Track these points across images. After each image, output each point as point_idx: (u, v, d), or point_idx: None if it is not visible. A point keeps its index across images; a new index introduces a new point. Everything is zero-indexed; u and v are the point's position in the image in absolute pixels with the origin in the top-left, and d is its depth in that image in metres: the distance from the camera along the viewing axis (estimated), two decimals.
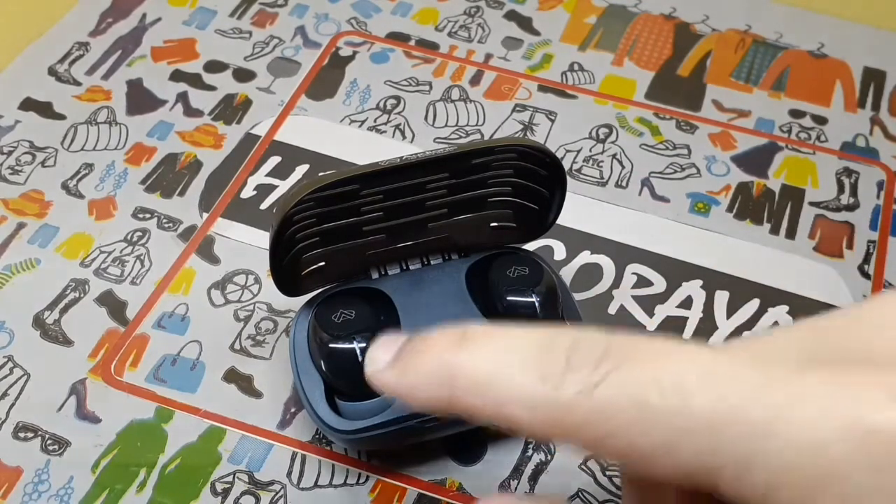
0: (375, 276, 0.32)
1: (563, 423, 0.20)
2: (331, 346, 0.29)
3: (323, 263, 0.31)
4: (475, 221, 0.32)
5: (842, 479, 0.18)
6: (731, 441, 0.18)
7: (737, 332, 0.35)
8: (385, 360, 0.23)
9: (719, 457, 0.18)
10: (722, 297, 0.36)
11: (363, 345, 0.29)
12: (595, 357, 0.20)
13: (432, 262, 0.32)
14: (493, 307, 0.31)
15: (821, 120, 0.43)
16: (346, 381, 0.29)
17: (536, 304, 0.30)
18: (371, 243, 0.31)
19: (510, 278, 0.30)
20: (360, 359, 0.29)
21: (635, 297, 0.36)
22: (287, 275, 0.31)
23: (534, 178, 0.30)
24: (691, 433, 0.19)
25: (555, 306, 0.30)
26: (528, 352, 0.21)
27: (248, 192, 0.39)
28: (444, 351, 0.22)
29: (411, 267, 0.32)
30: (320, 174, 0.29)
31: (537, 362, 0.20)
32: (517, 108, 0.43)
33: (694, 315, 0.36)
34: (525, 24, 0.47)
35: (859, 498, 0.18)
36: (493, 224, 0.32)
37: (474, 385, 0.21)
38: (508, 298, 0.30)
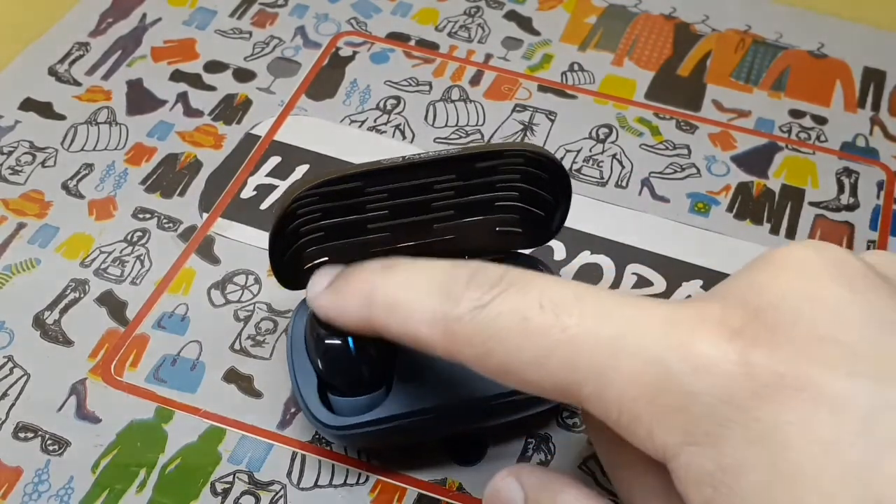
0: None
1: (455, 338, 0.23)
2: (326, 341, 0.29)
3: (326, 259, 0.31)
4: (481, 225, 0.32)
5: (675, 386, 0.20)
6: (589, 357, 0.21)
7: None
8: (323, 284, 0.27)
9: (580, 373, 0.21)
10: None
11: (357, 340, 0.29)
12: (491, 281, 0.23)
13: None
14: None
15: (821, 120, 0.43)
16: (338, 375, 0.29)
17: None
18: (375, 241, 0.31)
19: None
20: (352, 354, 0.29)
21: None
22: (289, 268, 0.31)
23: (540, 185, 0.30)
24: (558, 347, 0.21)
25: None
26: (435, 277, 0.24)
27: (248, 193, 0.39)
28: (368, 277, 0.25)
29: None
30: (326, 171, 0.29)
31: (441, 285, 0.23)
32: (517, 109, 0.43)
33: None
34: (525, 24, 0.47)
35: (694, 399, 0.19)
36: (498, 228, 0.32)
37: (387, 304, 0.24)
38: None
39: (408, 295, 0.24)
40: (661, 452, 0.20)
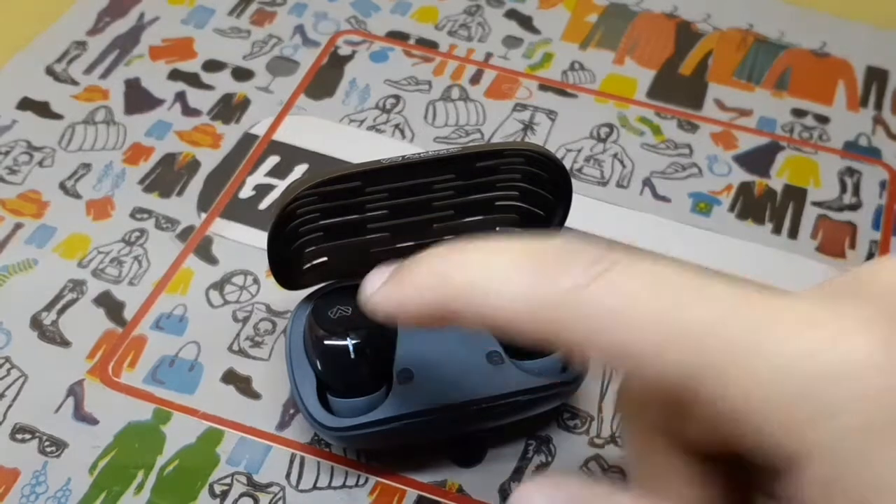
0: None
1: (552, 320, 0.20)
2: (325, 342, 0.29)
3: (325, 259, 0.31)
4: (481, 224, 0.32)
5: (825, 386, 0.18)
6: (716, 351, 0.18)
7: None
8: (379, 282, 0.23)
9: (701, 367, 0.18)
10: None
11: (356, 342, 0.29)
12: (592, 256, 0.20)
13: None
14: None
15: (823, 119, 0.43)
16: (337, 377, 0.29)
17: None
18: (375, 241, 0.31)
19: None
20: (352, 356, 0.28)
21: None
22: (287, 268, 0.30)
23: (541, 184, 0.30)
24: (680, 336, 0.19)
25: None
26: (522, 252, 0.20)
27: (246, 192, 0.39)
28: (438, 260, 0.22)
29: None
30: (325, 170, 0.29)
31: (531, 261, 0.20)
32: (517, 108, 0.42)
33: None
34: (525, 22, 0.46)
35: (847, 402, 0.17)
36: (498, 228, 0.32)
37: (467, 285, 0.21)
38: None
39: (492, 271, 0.20)
40: (786, 459, 0.18)
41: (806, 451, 0.18)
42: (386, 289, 0.23)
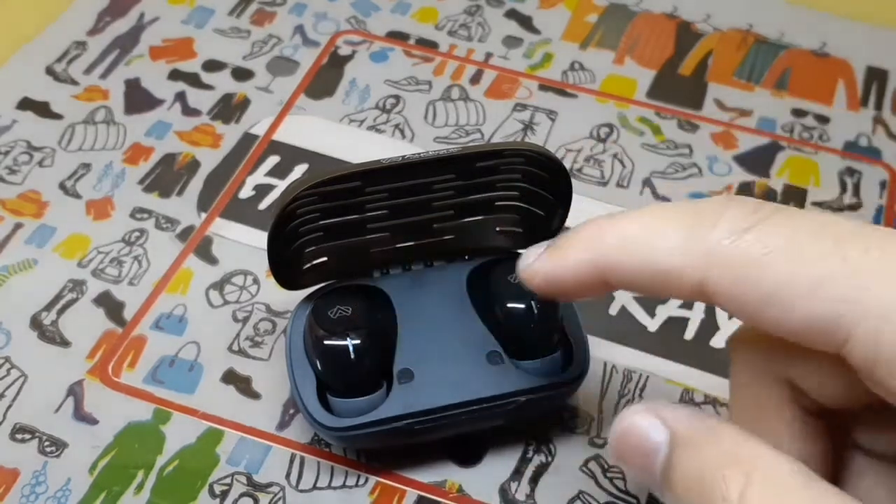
0: (377, 274, 0.32)
1: (708, 268, 0.20)
2: (325, 342, 0.29)
3: (325, 259, 0.31)
4: (481, 225, 0.32)
5: None
6: (877, 292, 0.18)
7: None
8: (538, 251, 0.24)
9: (857, 310, 0.18)
10: None
11: (357, 342, 0.29)
12: (750, 208, 0.20)
13: (435, 264, 0.32)
14: (491, 312, 0.30)
15: (823, 119, 0.43)
16: (338, 377, 0.29)
17: (535, 311, 0.30)
18: (375, 241, 0.31)
19: (511, 284, 0.30)
20: (352, 356, 0.28)
21: (636, 298, 0.36)
22: (288, 268, 0.30)
23: (541, 184, 0.30)
24: (834, 278, 0.18)
25: (554, 312, 0.30)
26: (676, 210, 0.21)
27: (246, 192, 0.39)
28: (595, 224, 0.22)
29: (413, 267, 0.32)
30: (325, 170, 0.29)
31: (687, 213, 0.21)
32: (517, 108, 0.42)
33: (696, 316, 0.36)
34: (525, 22, 0.46)
35: None
36: (498, 228, 0.32)
37: (624, 238, 0.21)
38: (508, 305, 0.30)
39: (646, 227, 0.21)
40: None
41: None
42: (543, 258, 0.23)
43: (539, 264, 0.23)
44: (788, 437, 0.22)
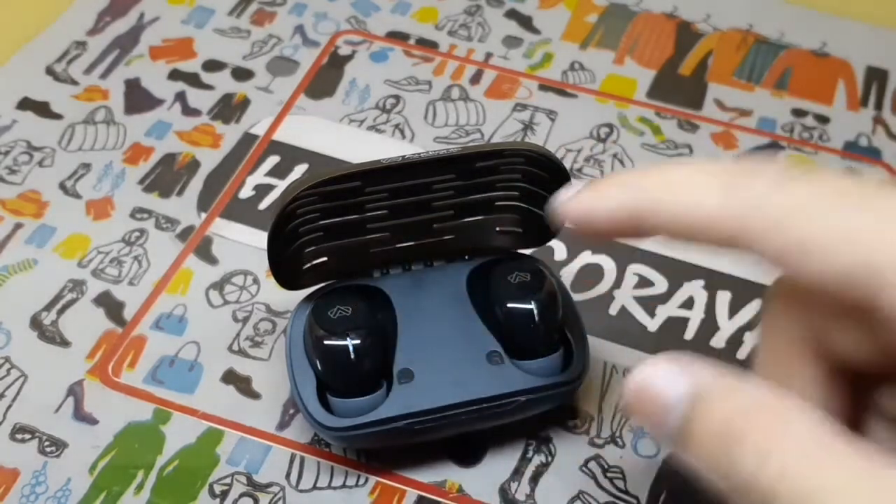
0: (377, 274, 0.32)
1: (742, 218, 0.20)
2: (325, 342, 0.29)
3: (325, 258, 0.31)
4: (481, 225, 0.32)
5: None
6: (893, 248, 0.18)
7: (739, 332, 0.35)
8: (577, 188, 0.24)
9: (879, 258, 0.19)
10: (724, 298, 0.36)
11: (357, 342, 0.29)
12: (779, 168, 0.21)
13: (435, 264, 0.32)
14: (491, 312, 0.30)
15: (823, 119, 0.43)
16: (337, 376, 0.29)
17: (535, 311, 0.30)
18: (375, 241, 0.31)
19: (511, 284, 0.30)
20: (352, 356, 0.28)
21: (636, 298, 0.36)
22: (287, 268, 0.30)
23: (541, 184, 0.30)
24: (870, 229, 0.19)
25: (555, 313, 0.30)
26: (716, 165, 0.22)
27: (246, 192, 0.39)
28: (637, 171, 0.23)
29: (413, 267, 0.32)
30: (325, 170, 0.29)
31: (723, 171, 0.21)
32: (517, 108, 0.42)
33: (696, 316, 0.36)
34: (525, 22, 0.46)
35: None
36: (498, 228, 0.32)
37: (663, 184, 0.22)
38: (508, 305, 0.30)
39: (687, 176, 0.22)
40: None
41: None
42: (580, 194, 0.23)
43: (578, 200, 0.23)
44: (810, 395, 0.22)
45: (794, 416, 0.19)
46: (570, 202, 0.24)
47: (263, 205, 0.38)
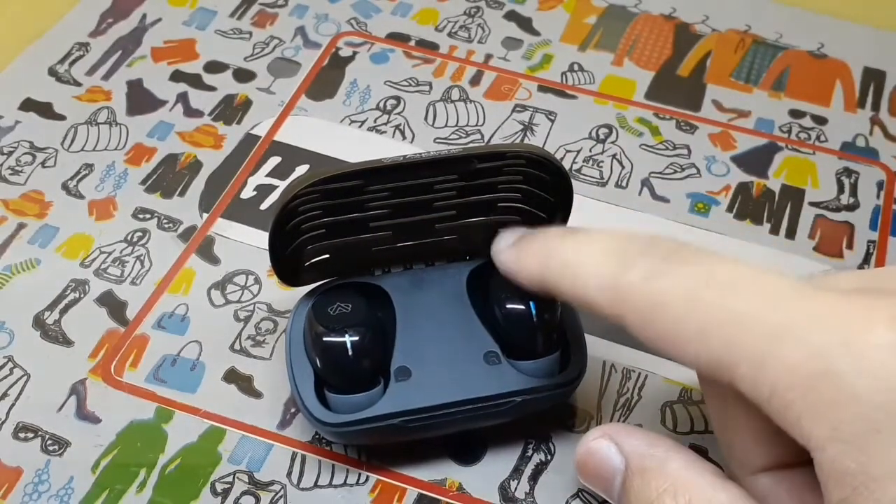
0: (378, 273, 0.32)
1: (623, 302, 0.23)
2: (323, 338, 0.29)
3: (327, 256, 0.31)
4: (483, 225, 0.32)
5: (834, 383, 0.20)
6: (751, 339, 0.21)
7: None
8: (509, 242, 0.28)
9: (739, 354, 0.21)
10: None
11: (355, 339, 0.29)
12: (664, 253, 0.23)
13: (435, 264, 0.32)
14: (490, 312, 0.31)
15: (821, 120, 0.43)
16: (335, 373, 0.29)
17: (534, 312, 0.30)
18: (376, 240, 0.31)
19: (509, 284, 0.30)
20: (350, 352, 0.29)
21: None
22: (289, 265, 0.31)
23: (542, 187, 0.30)
24: (721, 326, 0.21)
25: (553, 314, 0.30)
26: (610, 244, 0.24)
27: (248, 193, 0.39)
28: (549, 239, 0.26)
29: (414, 267, 0.32)
30: (327, 168, 0.29)
31: (615, 251, 0.24)
32: (517, 109, 0.43)
33: None
34: (525, 24, 0.47)
35: (851, 399, 0.20)
36: (500, 230, 0.32)
37: (562, 265, 0.25)
38: (506, 306, 0.30)
39: (582, 258, 0.25)
40: (807, 441, 0.20)
41: (819, 439, 0.20)
42: (511, 252, 0.28)
43: (506, 259, 0.28)
44: (760, 440, 0.24)
45: (697, 498, 0.23)
46: (502, 256, 0.28)
47: (265, 205, 0.38)
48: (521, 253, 0.27)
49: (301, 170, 0.40)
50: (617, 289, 0.23)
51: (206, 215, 0.38)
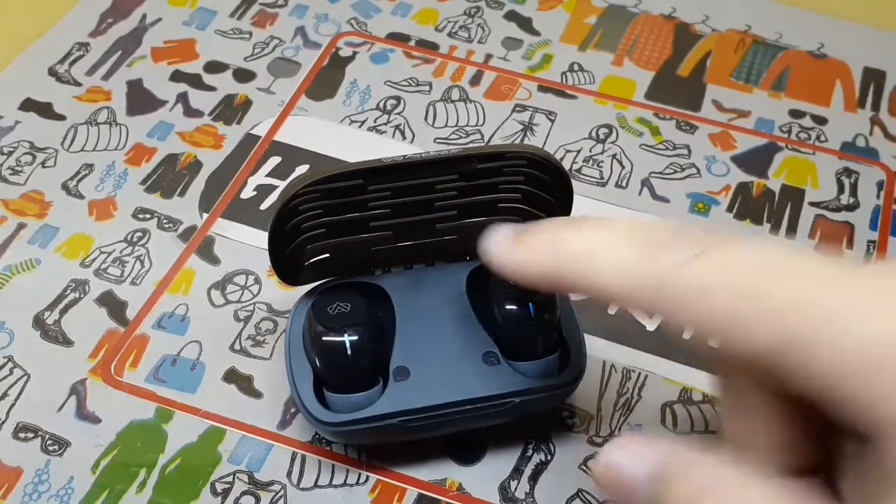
0: (378, 272, 0.32)
1: (655, 292, 0.21)
2: (323, 337, 0.29)
3: (327, 255, 0.31)
4: (484, 226, 0.32)
5: (887, 373, 0.18)
6: (803, 325, 0.19)
7: None
8: (503, 239, 0.25)
9: (789, 340, 0.19)
10: None
11: (354, 338, 0.29)
12: (696, 238, 0.21)
13: (435, 264, 0.32)
14: (490, 313, 0.31)
15: (821, 120, 0.43)
16: (334, 372, 0.29)
17: (532, 313, 0.30)
18: (376, 240, 0.31)
19: (509, 286, 0.30)
20: (349, 352, 0.29)
21: None
22: (289, 264, 0.31)
23: (542, 187, 0.30)
24: (769, 312, 0.20)
25: (552, 315, 0.30)
26: (633, 229, 0.22)
27: (248, 193, 0.39)
28: (559, 230, 0.24)
29: (414, 266, 0.32)
30: (327, 167, 0.29)
31: (641, 238, 0.22)
32: (517, 109, 0.43)
33: None
34: (525, 24, 0.47)
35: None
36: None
37: (579, 254, 0.23)
38: (506, 307, 0.30)
39: (605, 245, 0.22)
40: (872, 428, 0.19)
41: (885, 426, 0.19)
42: (508, 245, 0.25)
43: (506, 255, 0.25)
44: (778, 430, 0.23)
45: (752, 487, 0.20)
46: (499, 255, 0.25)
47: (265, 205, 0.38)
48: (522, 245, 0.25)
49: (301, 170, 0.40)
50: (647, 276, 0.21)
51: (206, 215, 0.38)
